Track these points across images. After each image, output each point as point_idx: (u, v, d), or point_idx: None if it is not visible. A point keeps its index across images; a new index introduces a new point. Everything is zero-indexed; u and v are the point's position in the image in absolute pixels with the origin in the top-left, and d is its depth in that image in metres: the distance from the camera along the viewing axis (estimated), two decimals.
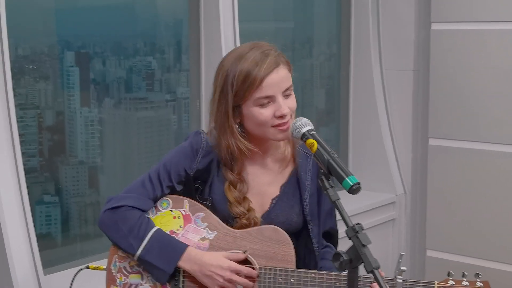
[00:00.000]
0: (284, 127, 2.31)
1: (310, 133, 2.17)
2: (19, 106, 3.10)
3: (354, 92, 4.83)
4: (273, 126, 2.31)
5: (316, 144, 2.12)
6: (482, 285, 2.34)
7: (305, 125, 2.20)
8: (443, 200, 4.55)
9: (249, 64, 2.29)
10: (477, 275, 2.35)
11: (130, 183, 2.44)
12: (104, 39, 3.55)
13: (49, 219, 3.33)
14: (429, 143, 4.62)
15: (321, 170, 2.07)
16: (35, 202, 3.23)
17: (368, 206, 4.52)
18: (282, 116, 2.30)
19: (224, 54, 3.58)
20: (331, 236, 2.58)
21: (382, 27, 4.73)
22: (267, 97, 2.29)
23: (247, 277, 2.32)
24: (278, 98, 2.30)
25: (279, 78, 2.31)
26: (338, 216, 2.57)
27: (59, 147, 3.41)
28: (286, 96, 2.33)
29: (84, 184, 3.47)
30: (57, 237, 3.39)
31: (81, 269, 2.54)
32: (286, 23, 4.67)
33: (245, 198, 2.40)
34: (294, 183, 2.48)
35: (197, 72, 3.81)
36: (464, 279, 2.34)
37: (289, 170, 2.48)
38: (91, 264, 2.55)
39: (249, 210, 2.40)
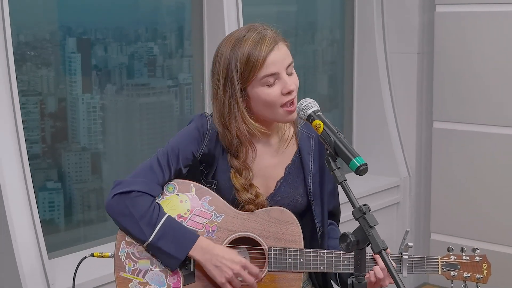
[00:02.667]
0: (292, 108, 2.31)
1: (316, 114, 2.15)
2: (21, 93, 3.10)
3: (358, 75, 4.83)
4: (282, 106, 2.31)
5: (322, 125, 2.10)
6: (481, 258, 2.41)
7: (311, 106, 2.18)
8: (447, 183, 4.56)
9: (249, 45, 2.28)
10: (474, 249, 2.41)
11: (134, 168, 2.42)
12: (105, 25, 3.54)
13: (52, 205, 3.34)
14: (433, 126, 4.62)
15: (328, 151, 2.05)
16: (38, 188, 3.24)
17: (372, 190, 4.52)
18: (289, 92, 2.30)
19: None
20: (334, 215, 2.59)
21: (386, 10, 4.71)
22: (272, 75, 2.29)
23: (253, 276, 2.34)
24: (282, 75, 2.30)
25: (281, 54, 2.31)
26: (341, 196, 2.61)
27: (62, 134, 3.41)
28: (289, 74, 2.33)
29: (86, 170, 3.48)
30: (60, 223, 3.40)
31: (85, 258, 2.52)
32: (289, 6, 4.65)
33: (251, 185, 2.40)
34: (297, 164, 2.48)
35: (201, 56, 3.81)
36: (464, 254, 2.40)
37: (292, 151, 2.48)
38: (96, 252, 2.53)
39: (257, 196, 2.40)
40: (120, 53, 3.59)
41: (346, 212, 2.46)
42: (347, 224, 2.58)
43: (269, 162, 2.45)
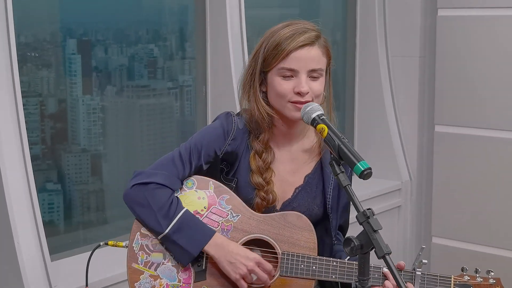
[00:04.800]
0: (301, 105, 2.31)
1: (321, 118, 2.16)
2: (21, 94, 3.09)
3: (360, 78, 4.82)
4: (290, 102, 2.31)
5: (326, 129, 2.11)
6: (494, 281, 2.38)
7: (316, 110, 2.19)
8: (449, 187, 4.54)
9: (284, 35, 2.32)
10: (488, 272, 2.38)
11: (136, 168, 2.42)
12: (106, 27, 3.54)
13: (52, 206, 3.34)
14: (435, 129, 4.60)
15: (332, 156, 2.06)
16: (38, 189, 3.21)
17: (373, 193, 4.51)
18: (300, 93, 2.30)
19: (230, 40, 3.61)
20: (342, 229, 2.59)
21: (388, 13, 4.70)
22: (290, 70, 2.31)
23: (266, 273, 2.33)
24: (301, 74, 2.31)
25: (309, 56, 2.32)
26: None
27: (62, 135, 3.41)
28: (313, 78, 2.33)
29: (86, 171, 3.47)
30: (60, 224, 3.40)
31: (99, 245, 2.51)
32: (292, 9, 4.65)
33: (268, 169, 2.40)
34: (318, 175, 2.48)
35: (203, 58, 3.80)
36: (478, 275, 2.37)
37: (315, 161, 2.48)
38: (110, 241, 2.52)
39: (268, 183, 2.40)
40: (120, 54, 3.59)
41: (350, 214, 2.47)
42: (352, 227, 2.57)
43: (289, 168, 2.46)
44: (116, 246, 2.49)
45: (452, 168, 4.52)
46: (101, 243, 2.51)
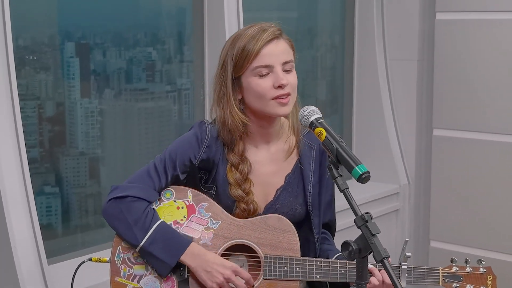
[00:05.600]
0: (284, 100, 2.32)
1: (319, 121, 2.16)
2: (19, 97, 3.06)
3: (358, 82, 4.82)
4: (273, 99, 2.31)
5: (324, 133, 2.11)
6: (485, 270, 2.37)
7: (314, 113, 2.19)
8: (447, 191, 4.54)
9: (247, 38, 2.33)
10: (479, 261, 2.37)
11: (132, 173, 2.43)
12: (104, 30, 3.54)
13: (50, 210, 3.33)
14: (433, 133, 4.60)
15: (330, 159, 2.06)
16: (36, 193, 3.22)
17: (371, 197, 4.51)
18: (281, 86, 2.30)
19: None
20: (329, 228, 2.60)
21: (387, 17, 4.71)
22: (265, 66, 2.32)
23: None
24: (276, 68, 2.32)
25: (278, 49, 2.34)
26: (338, 208, 2.60)
27: (60, 138, 3.40)
28: (287, 71, 2.34)
29: (84, 175, 3.47)
30: (58, 228, 3.39)
31: (83, 262, 2.52)
32: (290, 12, 4.65)
33: (246, 180, 2.40)
34: (298, 174, 2.48)
35: (201, 62, 3.80)
36: (467, 265, 2.36)
37: (293, 160, 2.49)
38: (94, 257, 2.53)
39: (248, 193, 2.40)
40: (118, 58, 3.59)
41: (348, 219, 2.46)
42: (349, 230, 2.57)
43: (269, 169, 2.46)
44: (100, 261, 2.50)
45: (450, 171, 4.52)
46: (85, 260, 2.52)
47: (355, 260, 1.93)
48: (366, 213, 1.91)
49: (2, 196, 2.74)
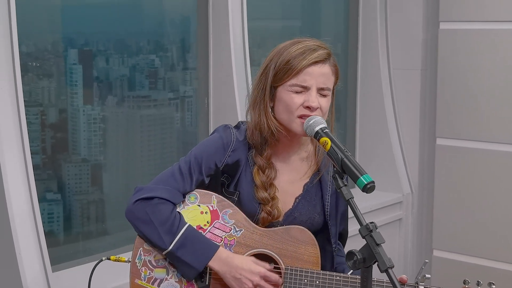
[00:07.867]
0: None
1: (324, 131, 2.17)
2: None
3: (361, 91, 4.82)
4: (298, 117, 2.31)
5: (329, 142, 2.12)
6: None
7: (319, 123, 2.21)
8: (450, 200, 4.53)
9: (297, 51, 2.33)
10: (490, 284, 2.36)
11: (136, 178, 2.41)
12: (107, 37, 3.55)
13: (52, 216, 3.33)
14: (436, 142, 4.60)
15: (335, 169, 2.07)
16: (38, 199, 3.22)
17: (375, 206, 4.51)
18: (309, 107, 2.30)
19: (232, 51, 3.62)
20: (342, 237, 2.60)
21: (390, 26, 4.71)
22: (302, 86, 2.30)
23: (273, 285, 2.33)
24: (312, 90, 2.31)
25: (320, 73, 2.33)
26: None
27: (62, 145, 3.41)
28: (322, 95, 2.33)
29: (86, 181, 3.47)
30: (60, 234, 3.39)
31: (101, 260, 2.50)
32: (293, 21, 4.66)
33: (271, 185, 2.40)
34: (317, 183, 2.48)
35: (205, 70, 3.81)
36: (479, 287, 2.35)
37: (312, 169, 2.49)
38: (113, 256, 2.51)
39: (273, 198, 2.40)
40: (121, 65, 3.59)
41: (351, 228, 2.46)
42: (353, 238, 2.56)
43: (288, 178, 2.46)
44: (118, 261, 2.48)
45: (454, 181, 4.51)
46: (104, 258, 2.49)
47: (360, 269, 1.92)
48: (371, 222, 1.91)
49: (7, 203, 2.74)
